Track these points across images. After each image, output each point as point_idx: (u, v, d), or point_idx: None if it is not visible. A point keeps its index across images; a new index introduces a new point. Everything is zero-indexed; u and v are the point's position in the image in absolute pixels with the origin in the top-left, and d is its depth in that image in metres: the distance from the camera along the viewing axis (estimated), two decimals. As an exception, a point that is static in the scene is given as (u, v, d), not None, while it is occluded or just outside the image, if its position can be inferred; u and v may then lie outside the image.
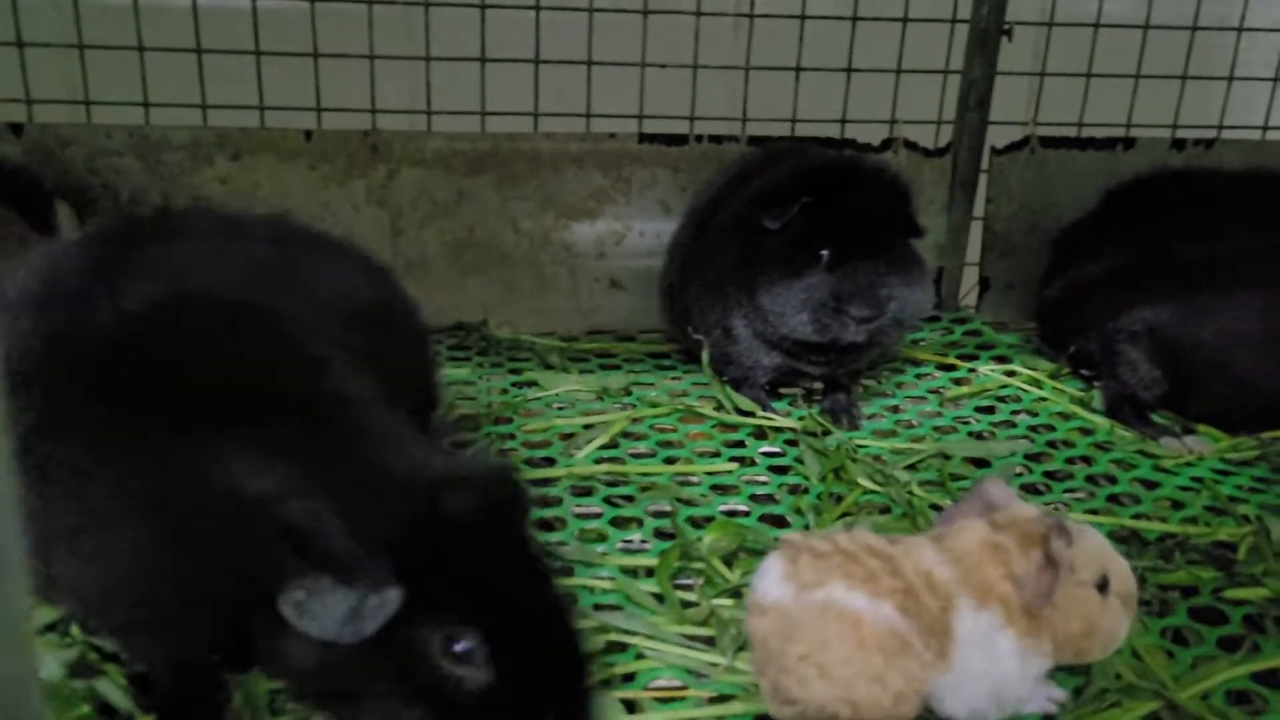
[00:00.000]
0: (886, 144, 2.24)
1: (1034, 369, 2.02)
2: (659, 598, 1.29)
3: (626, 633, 1.21)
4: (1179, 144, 2.32)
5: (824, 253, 1.64)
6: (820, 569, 1.05)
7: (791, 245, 1.66)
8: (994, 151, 2.28)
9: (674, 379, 1.98)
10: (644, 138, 2.16)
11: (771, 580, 1.07)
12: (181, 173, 2.02)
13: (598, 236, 2.18)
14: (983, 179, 2.30)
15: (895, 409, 1.90)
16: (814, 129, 2.22)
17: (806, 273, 1.65)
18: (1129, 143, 2.31)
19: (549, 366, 1.97)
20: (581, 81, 2.12)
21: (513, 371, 1.97)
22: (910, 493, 1.57)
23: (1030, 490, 1.63)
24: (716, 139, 2.17)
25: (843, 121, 2.23)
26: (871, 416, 1.86)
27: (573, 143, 2.13)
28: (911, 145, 2.26)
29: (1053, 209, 2.29)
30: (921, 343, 2.18)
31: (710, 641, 1.21)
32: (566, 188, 2.14)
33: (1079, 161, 2.29)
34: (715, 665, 1.18)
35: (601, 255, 2.19)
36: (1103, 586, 1.12)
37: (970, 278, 2.38)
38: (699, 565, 1.35)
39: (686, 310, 1.92)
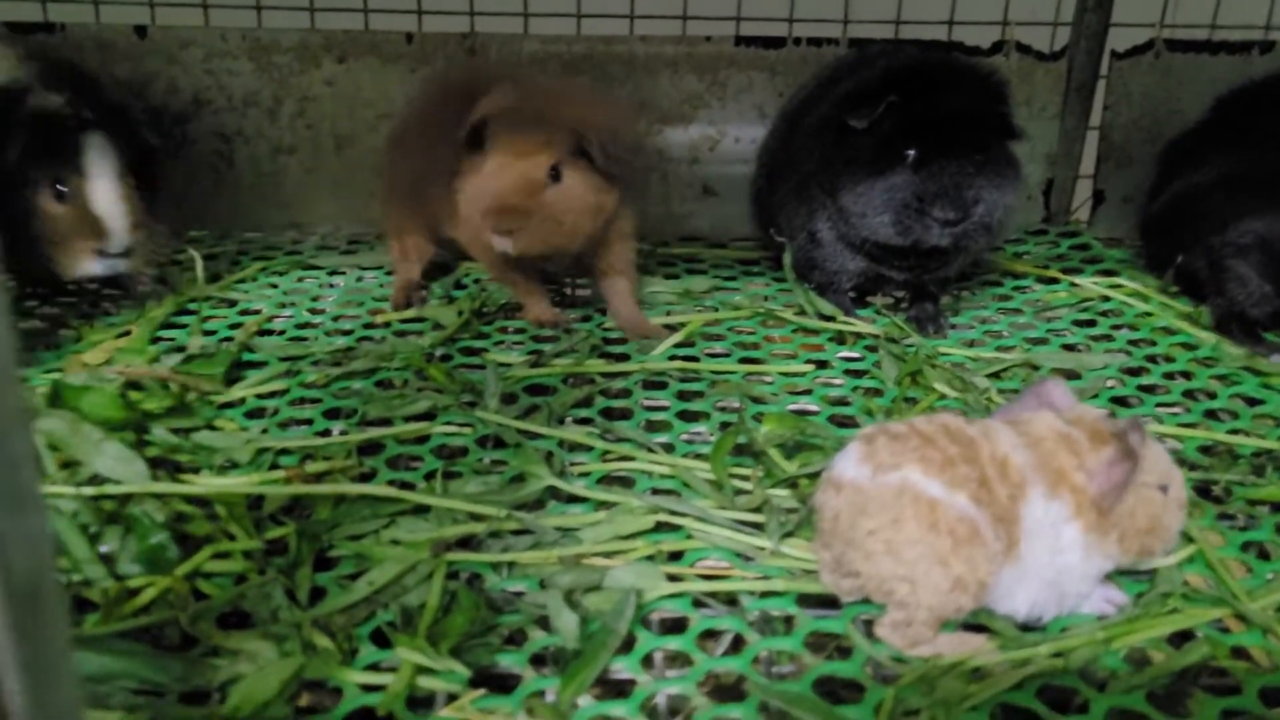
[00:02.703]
0: (997, 47, 2.15)
1: (1142, 284, 1.93)
2: (718, 485, 1.30)
3: (677, 514, 1.23)
4: (1323, 47, 2.15)
5: (910, 153, 1.60)
6: (896, 451, 1.06)
7: (877, 146, 1.62)
8: (1114, 56, 2.16)
9: (760, 285, 1.97)
10: (740, 40, 2.12)
11: (849, 460, 1.08)
12: (290, 75, 2.09)
13: (691, 142, 2.17)
14: (1101, 85, 2.18)
15: (986, 320, 1.85)
16: (920, 31, 2.14)
17: (891, 173, 1.61)
18: (1266, 46, 2.15)
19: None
20: (678, -18, 2.09)
21: (600, 273, 1.99)
22: (989, 400, 1.53)
23: (1120, 403, 1.58)
24: (815, 42, 2.12)
25: (950, 23, 2.15)
26: (960, 326, 1.81)
27: (668, 46, 2.12)
28: (1024, 49, 2.16)
29: (1177, 118, 2.16)
30: (1024, 255, 2.11)
31: (761, 528, 1.22)
32: (661, 91, 2.13)
33: (1209, 67, 2.15)
34: (762, 549, 1.19)
35: (695, 161, 2.18)
36: (1163, 490, 1.09)
37: (1083, 190, 2.27)
38: (757, 456, 1.35)
39: (772, 214, 1.90)
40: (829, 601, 1.13)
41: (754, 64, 2.13)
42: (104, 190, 1.60)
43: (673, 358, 1.65)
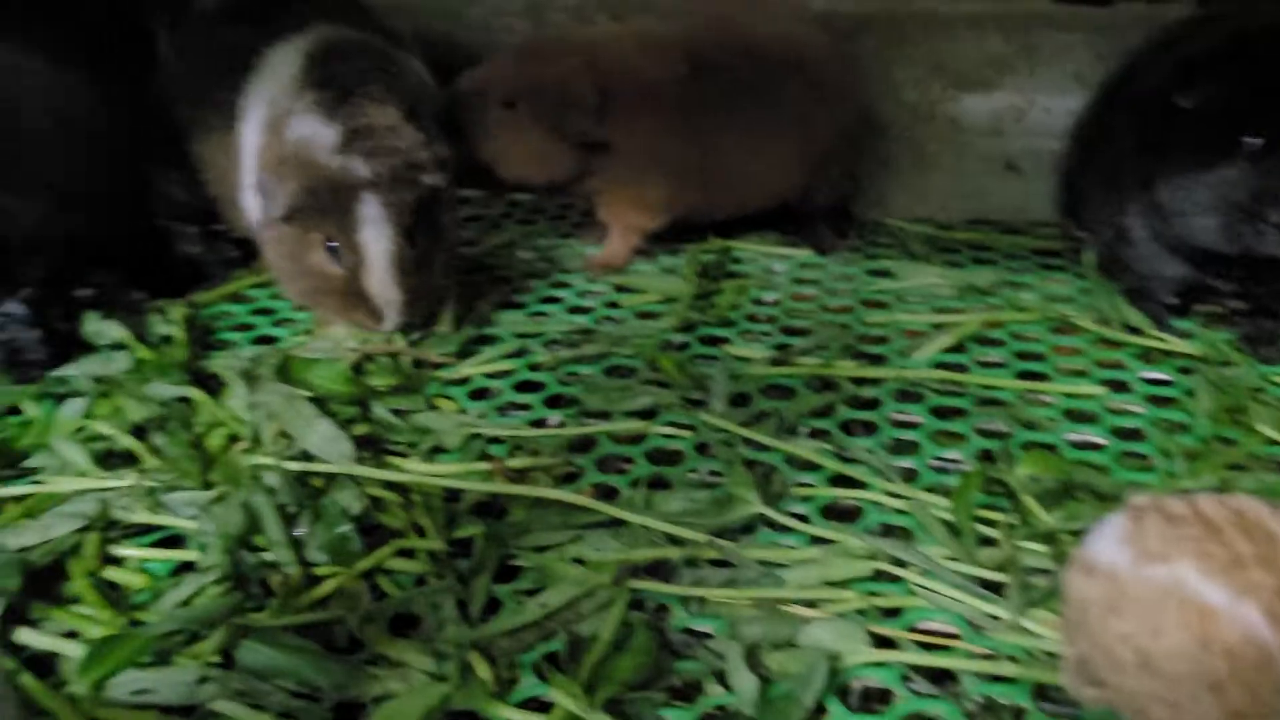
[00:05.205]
0: (1397, 3, 1.73)
1: None
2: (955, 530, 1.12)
3: (900, 563, 1.07)
4: None
5: (1249, 139, 1.30)
6: (1169, 538, 0.84)
7: (1208, 128, 1.33)
8: None
9: (1059, 283, 1.71)
10: (1061, -5, 1.84)
11: (1108, 538, 0.88)
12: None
13: (993, 111, 1.91)
14: None
15: (1345, 344, 1.50)
16: (1294, -16, 1.76)
17: (1222, 164, 1.31)
18: None
19: (911, 255, 1.78)
20: (990, -72, 1.84)
21: (869, 258, 1.80)
22: (1332, 452, 1.24)
23: None
24: (1155, -2, 1.80)
25: (1336, -27, 1.75)
26: (1308, 351, 1.48)
27: (974, 2, 1.87)
28: None
29: None
30: None
31: (1001, 591, 1.04)
32: (960, 54, 1.89)
33: None
34: (997, 619, 1.01)
35: (997, 133, 1.92)
36: None
37: None
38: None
39: (1079, 201, 1.64)
40: (1073, 699, 0.93)
41: (1075, 24, 1.84)
42: None
43: (938, 365, 1.46)
